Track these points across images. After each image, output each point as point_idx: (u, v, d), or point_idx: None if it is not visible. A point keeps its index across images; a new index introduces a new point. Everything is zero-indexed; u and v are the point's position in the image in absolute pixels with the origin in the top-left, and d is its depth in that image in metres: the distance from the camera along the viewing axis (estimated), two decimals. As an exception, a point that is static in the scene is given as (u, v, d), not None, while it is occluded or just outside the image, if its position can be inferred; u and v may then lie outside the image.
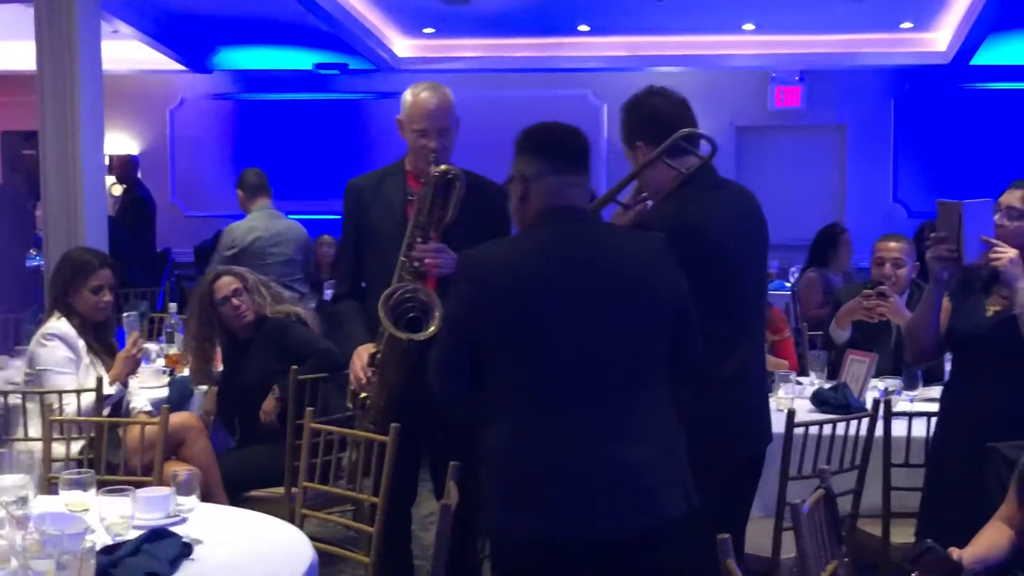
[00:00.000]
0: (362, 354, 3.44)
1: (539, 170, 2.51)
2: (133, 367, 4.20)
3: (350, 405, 3.53)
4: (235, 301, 4.57)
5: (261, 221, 6.19)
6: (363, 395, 3.47)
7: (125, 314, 4.30)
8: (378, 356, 3.40)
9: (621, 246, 2.52)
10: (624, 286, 2.43)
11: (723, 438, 2.82)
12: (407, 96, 3.51)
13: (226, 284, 4.61)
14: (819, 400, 4.17)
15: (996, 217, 4.29)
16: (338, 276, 3.80)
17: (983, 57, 9.99)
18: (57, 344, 4.18)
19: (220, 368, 4.73)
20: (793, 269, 9.19)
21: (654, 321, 2.47)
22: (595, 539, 2.35)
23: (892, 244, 4.79)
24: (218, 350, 4.71)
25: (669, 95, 2.95)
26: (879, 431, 3.68)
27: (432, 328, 3.30)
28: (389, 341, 3.33)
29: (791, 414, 3.53)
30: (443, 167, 3.35)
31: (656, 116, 2.91)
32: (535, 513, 2.35)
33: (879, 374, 4.41)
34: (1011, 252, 3.08)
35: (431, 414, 3.32)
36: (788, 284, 8.68)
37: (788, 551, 3.32)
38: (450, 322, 2.58)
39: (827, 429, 3.60)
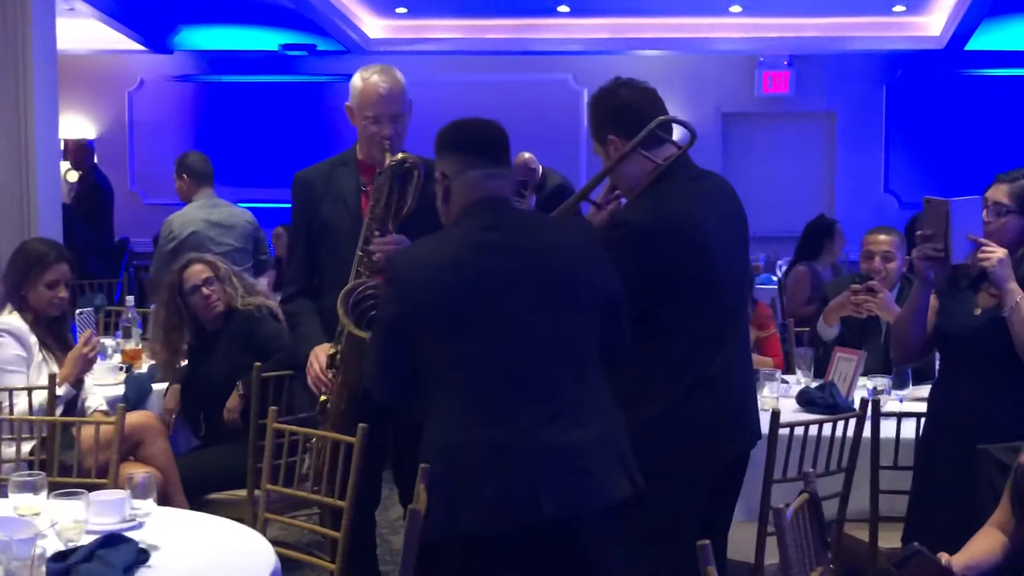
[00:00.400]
0: (320, 356, 3.43)
1: (459, 167, 2.63)
2: (85, 367, 4.15)
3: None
4: (206, 291, 4.55)
5: (198, 211, 6.03)
6: (323, 398, 3.47)
7: (79, 311, 4.25)
8: (337, 357, 3.39)
9: (547, 232, 2.64)
10: (551, 271, 2.55)
11: (707, 440, 2.83)
12: (356, 81, 3.50)
13: (196, 273, 4.59)
14: (805, 400, 4.19)
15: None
16: (290, 274, 3.79)
17: (978, 42, 10.05)
18: (8, 340, 4.15)
19: (184, 363, 4.71)
20: (780, 262, 9.25)
21: (583, 306, 2.58)
22: (540, 523, 2.44)
23: (882, 237, 4.81)
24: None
25: (637, 85, 2.95)
26: (867, 432, 3.70)
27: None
28: (349, 340, 3.33)
29: (776, 414, 3.54)
30: (400, 155, 3.34)
31: (627, 107, 2.91)
32: (476, 508, 2.44)
33: (868, 372, 4.43)
34: (999, 252, 3.11)
35: (394, 415, 3.33)
36: (775, 278, 8.72)
37: (772, 557, 3.33)
38: (379, 324, 2.67)
39: (813, 430, 3.61)
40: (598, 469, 2.48)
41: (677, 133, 2.98)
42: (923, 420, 3.49)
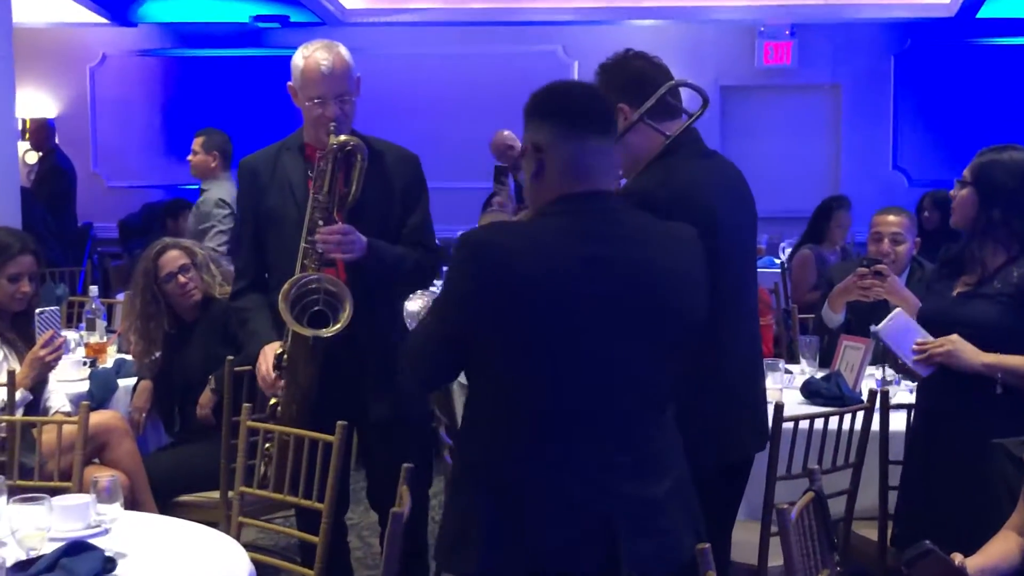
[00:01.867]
0: (268, 354, 3.44)
1: (554, 137, 2.35)
2: (43, 371, 4.10)
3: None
4: (182, 278, 4.55)
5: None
6: (272, 401, 3.47)
7: (39, 310, 4.20)
8: (285, 357, 3.39)
9: (655, 249, 2.36)
10: (654, 300, 2.31)
11: (712, 440, 2.79)
12: (297, 60, 3.50)
13: (172, 259, 4.58)
14: (810, 391, 4.20)
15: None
16: (237, 268, 3.78)
17: (990, 9, 10.05)
18: (-34, 337, 4.13)
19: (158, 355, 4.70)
20: (783, 244, 9.25)
21: (676, 343, 2.38)
22: None
23: (891, 218, 4.82)
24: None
25: (649, 58, 2.97)
26: (876, 425, 3.71)
27: (342, 321, 3.30)
28: (295, 339, 3.33)
29: (779, 407, 3.54)
30: (341, 138, 3.34)
31: (640, 76, 2.92)
32: (538, 558, 2.24)
33: (876, 362, 4.44)
34: (944, 346, 3.27)
35: (352, 415, 3.33)
36: (778, 261, 8.73)
37: (776, 558, 3.34)
38: (439, 311, 2.40)
39: (818, 423, 3.62)
40: (674, 526, 2.33)
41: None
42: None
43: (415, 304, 2.81)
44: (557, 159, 2.35)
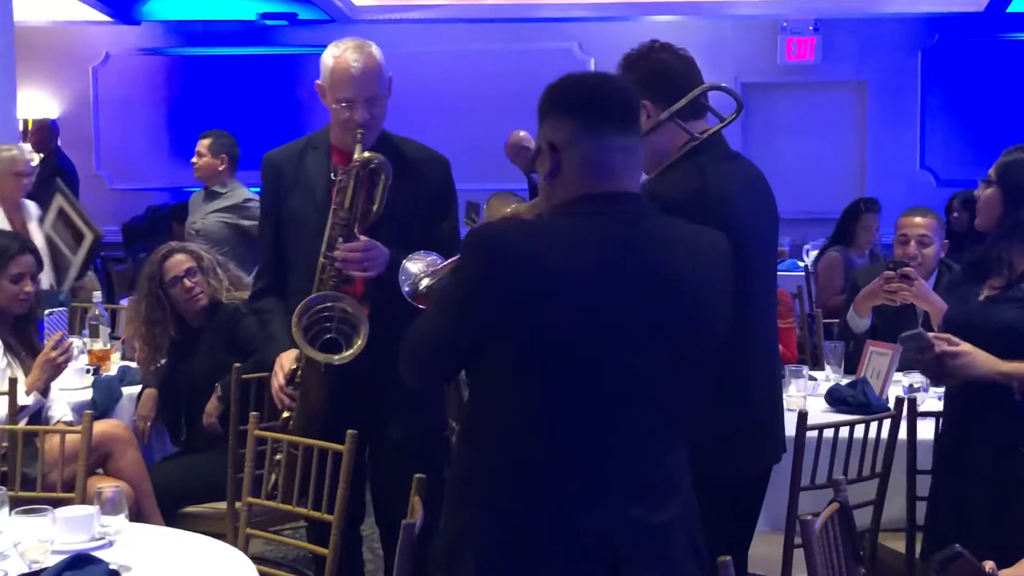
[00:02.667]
0: (284, 364, 3.44)
1: (572, 134, 2.23)
2: (54, 374, 4.15)
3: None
4: (187, 282, 4.57)
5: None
6: (285, 414, 3.48)
7: (48, 311, 4.24)
8: (298, 374, 3.40)
9: (682, 257, 2.25)
10: (674, 307, 2.21)
11: (732, 454, 2.79)
12: (327, 58, 3.43)
13: (178, 263, 4.60)
14: (835, 398, 4.19)
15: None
16: (258, 268, 3.78)
17: (1021, 3, 10.01)
18: (-32, 344, 4.16)
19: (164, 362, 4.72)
20: (807, 247, 9.23)
21: (705, 352, 2.28)
22: None
23: (918, 220, 4.81)
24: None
25: (676, 51, 2.92)
26: (903, 433, 3.70)
27: (355, 348, 3.29)
28: (308, 361, 3.33)
29: (803, 415, 3.54)
30: (366, 154, 3.30)
31: (666, 72, 2.87)
32: None
33: (903, 368, 4.43)
34: (959, 356, 3.19)
35: (368, 431, 3.33)
36: (801, 264, 8.72)
37: (800, 571, 3.34)
38: (446, 306, 2.30)
39: (844, 432, 3.61)
40: (678, 555, 2.25)
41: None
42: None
43: (414, 265, 2.75)
44: (576, 159, 2.23)
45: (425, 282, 2.60)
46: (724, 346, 2.46)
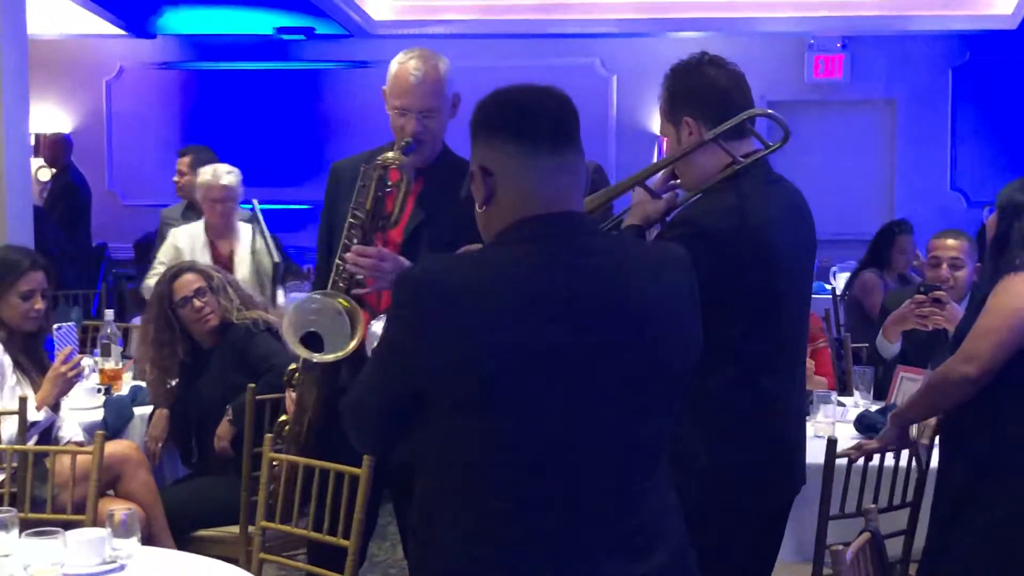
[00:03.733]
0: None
1: (504, 156, 2.08)
2: (65, 388, 4.16)
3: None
4: (197, 302, 4.57)
5: None
6: (283, 418, 3.47)
7: (56, 326, 4.26)
8: (296, 375, 3.40)
9: (638, 279, 2.07)
10: (632, 336, 2.02)
11: (758, 490, 2.77)
12: (392, 64, 3.44)
13: (187, 283, 4.61)
14: (865, 425, 4.17)
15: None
16: (317, 274, 3.80)
17: (1056, 21, 10.00)
18: (-23, 362, 4.17)
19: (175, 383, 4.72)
20: (834, 268, 9.21)
21: (669, 391, 2.09)
22: None
23: (950, 242, 4.80)
24: None
25: (726, 66, 2.88)
26: (935, 461, 3.68)
27: (340, 351, 3.26)
28: (303, 360, 3.33)
29: (832, 442, 3.52)
30: (389, 155, 3.31)
31: (713, 88, 2.83)
32: None
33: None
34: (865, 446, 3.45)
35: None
36: (828, 287, 8.68)
37: (828, 602, 3.32)
38: (381, 361, 2.11)
39: (874, 459, 3.59)
40: None
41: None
42: None
43: (380, 326, 2.69)
44: (509, 183, 2.07)
45: None
46: (755, 381, 2.42)
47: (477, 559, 1.99)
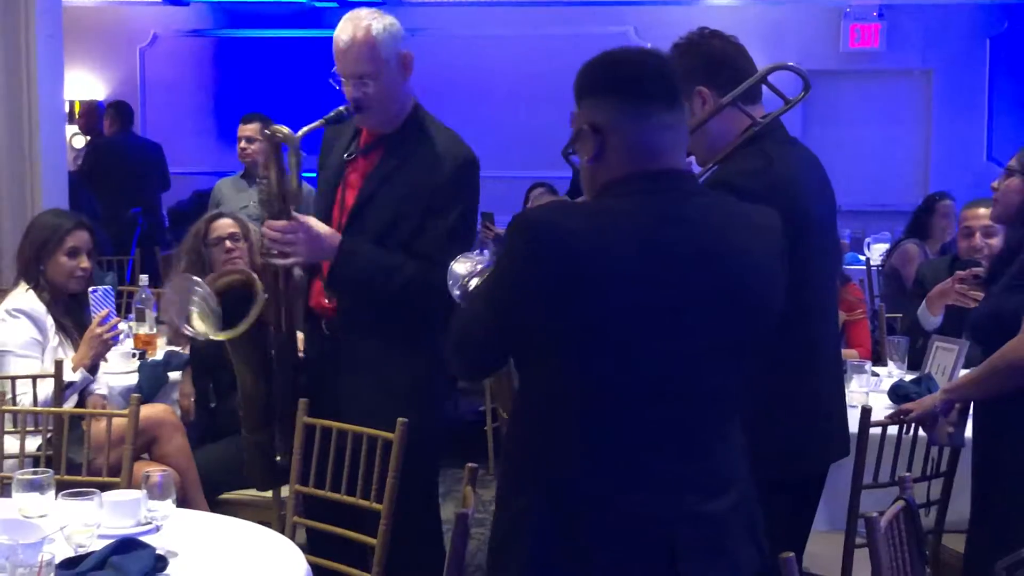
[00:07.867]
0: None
1: (616, 114, 2.19)
2: (102, 350, 4.19)
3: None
4: (229, 244, 4.75)
5: None
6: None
7: (92, 288, 4.29)
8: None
9: (737, 234, 2.20)
10: (727, 288, 2.15)
11: (796, 453, 2.78)
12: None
13: (224, 225, 4.81)
14: (899, 395, 4.15)
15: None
16: None
17: (1096, -10, 9.89)
18: (22, 322, 4.20)
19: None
20: (869, 239, 9.15)
21: (752, 335, 2.22)
22: None
23: (982, 211, 4.79)
24: None
25: (726, 37, 2.95)
26: (969, 431, 3.66)
27: (238, 329, 3.30)
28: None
29: (866, 411, 3.51)
30: (274, 127, 3.29)
31: (723, 55, 2.91)
32: (594, 568, 2.13)
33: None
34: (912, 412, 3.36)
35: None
36: (863, 257, 8.63)
37: (861, 571, 3.31)
38: (489, 296, 2.25)
39: (908, 429, 3.58)
40: (735, 545, 2.21)
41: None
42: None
43: (462, 266, 2.71)
44: (621, 139, 2.18)
45: (474, 283, 2.54)
46: (786, 337, 2.44)
47: (569, 482, 2.13)
